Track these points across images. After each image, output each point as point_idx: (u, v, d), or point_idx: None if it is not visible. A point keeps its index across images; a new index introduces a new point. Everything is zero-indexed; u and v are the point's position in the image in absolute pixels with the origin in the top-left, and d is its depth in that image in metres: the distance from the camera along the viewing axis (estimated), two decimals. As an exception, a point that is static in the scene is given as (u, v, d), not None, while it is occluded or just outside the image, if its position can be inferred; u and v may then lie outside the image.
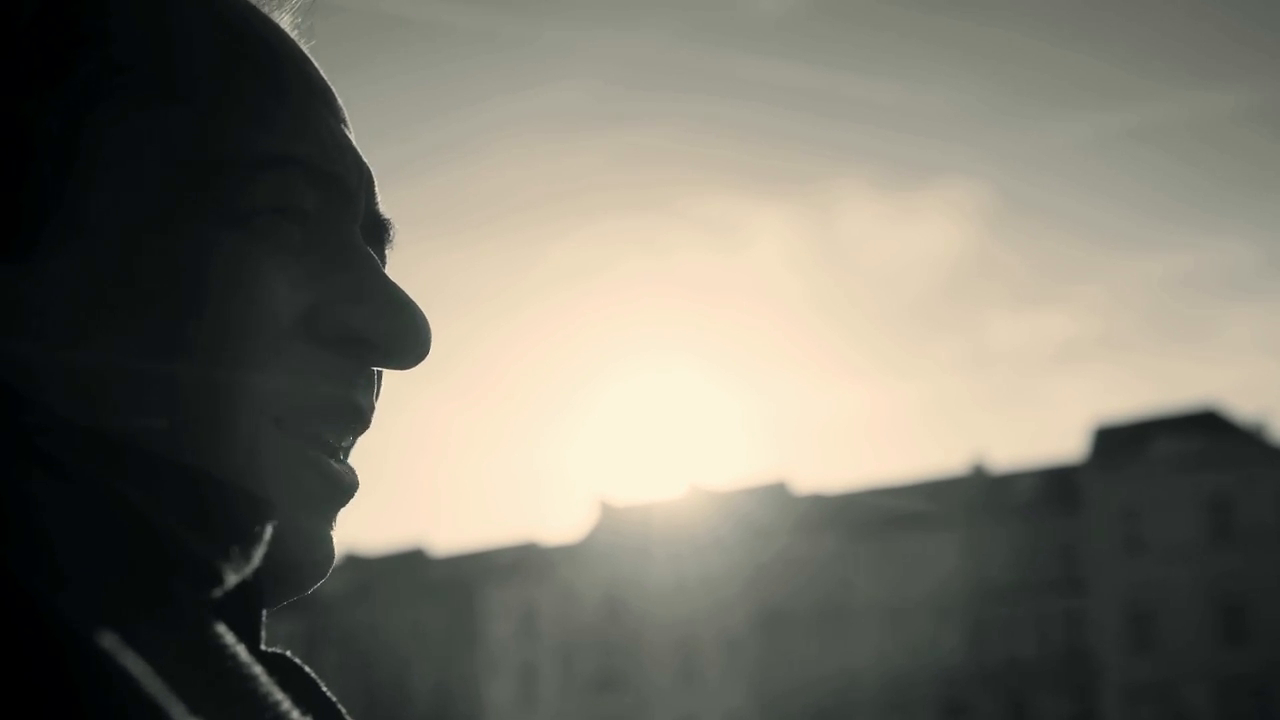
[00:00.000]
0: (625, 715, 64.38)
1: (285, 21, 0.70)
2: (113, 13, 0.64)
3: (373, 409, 0.69)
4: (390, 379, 0.71)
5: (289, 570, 0.65)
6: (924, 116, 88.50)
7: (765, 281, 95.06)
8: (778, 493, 65.71)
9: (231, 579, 0.56)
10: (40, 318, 0.61)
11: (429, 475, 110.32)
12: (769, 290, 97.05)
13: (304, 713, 0.55)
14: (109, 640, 0.45)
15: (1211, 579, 56.15)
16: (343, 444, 0.68)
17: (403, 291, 0.68)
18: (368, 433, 0.69)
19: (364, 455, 0.68)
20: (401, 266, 0.71)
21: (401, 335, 0.67)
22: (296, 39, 0.70)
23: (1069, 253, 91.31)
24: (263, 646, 0.62)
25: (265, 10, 0.69)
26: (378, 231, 0.71)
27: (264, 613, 0.62)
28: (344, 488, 0.67)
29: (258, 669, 0.54)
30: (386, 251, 0.72)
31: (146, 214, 0.62)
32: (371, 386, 0.69)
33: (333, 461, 0.67)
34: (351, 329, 0.65)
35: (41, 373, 0.60)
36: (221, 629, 0.54)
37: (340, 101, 0.70)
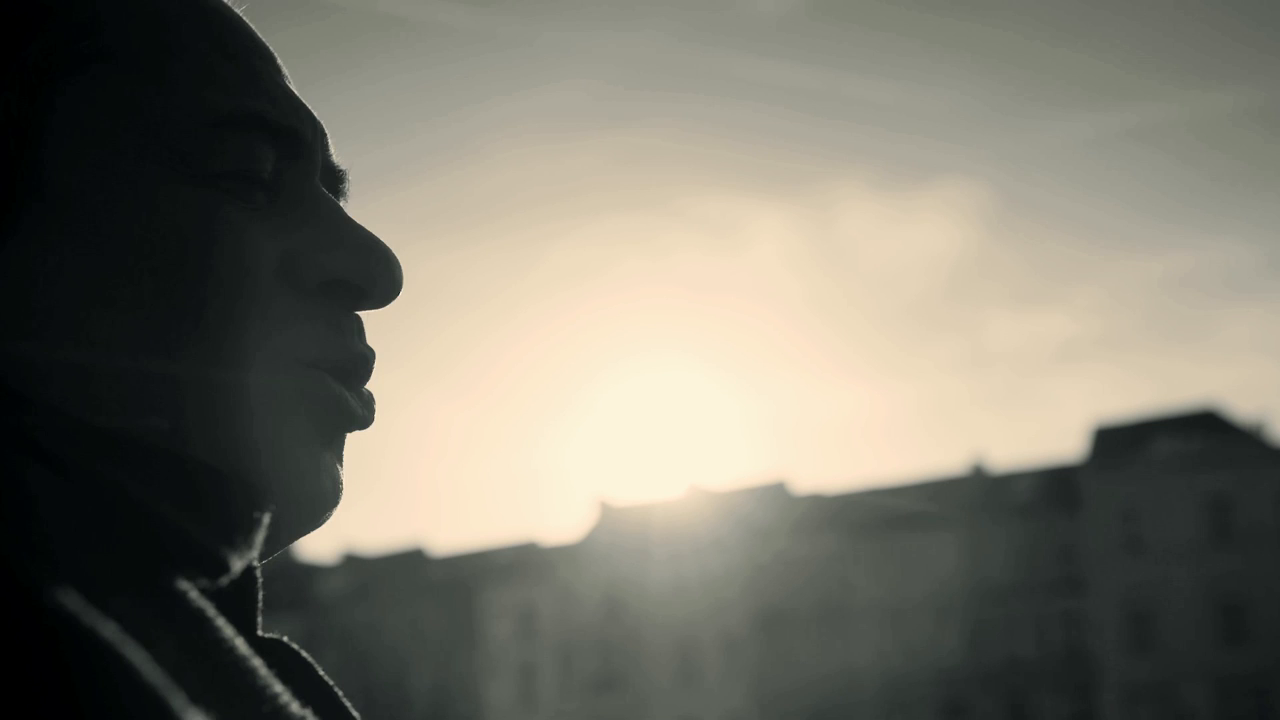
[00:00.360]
0: (624, 716, 64.35)
1: None
2: None
3: (369, 352, 0.69)
4: (390, 379, 0.75)
5: (299, 501, 0.65)
6: (923, 116, 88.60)
7: (765, 281, 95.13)
8: (777, 493, 65.69)
9: (238, 566, 0.57)
10: (18, 300, 0.60)
11: (428, 475, 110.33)
12: (768, 290, 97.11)
13: (303, 699, 0.55)
14: (108, 631, 0.45)
15: (1211, 579, 56.15)
16: (355, 387, 0.68)
17: (368, 231, 0.69)
18: (367, 431, 0.69)
19: (364, 455, 0.72)
20: (402, 265, 0.72)
21: (376, 271, 0.68)
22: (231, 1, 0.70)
23: (1068, 253, 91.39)
24: (260, 633, 0.61)
25: None
26: (333, 182, 0.72)
27: (260, 599, 0.61)
28: (354, 417, 0.67)
29: (256, 661, 0.54)
30: (342, 202, 0.73)
31: (116, 184, 0.62)
32: (362, 330, 0.69)
33: (347, 393, 0.67)
34: (329, 272, 0.66)
35: (27, 360, 0.60)
36: (220, 620, 0.54)
37: (280, 59, 0.70)
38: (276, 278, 0.65)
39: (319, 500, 0.66)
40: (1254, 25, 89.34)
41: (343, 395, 0.66)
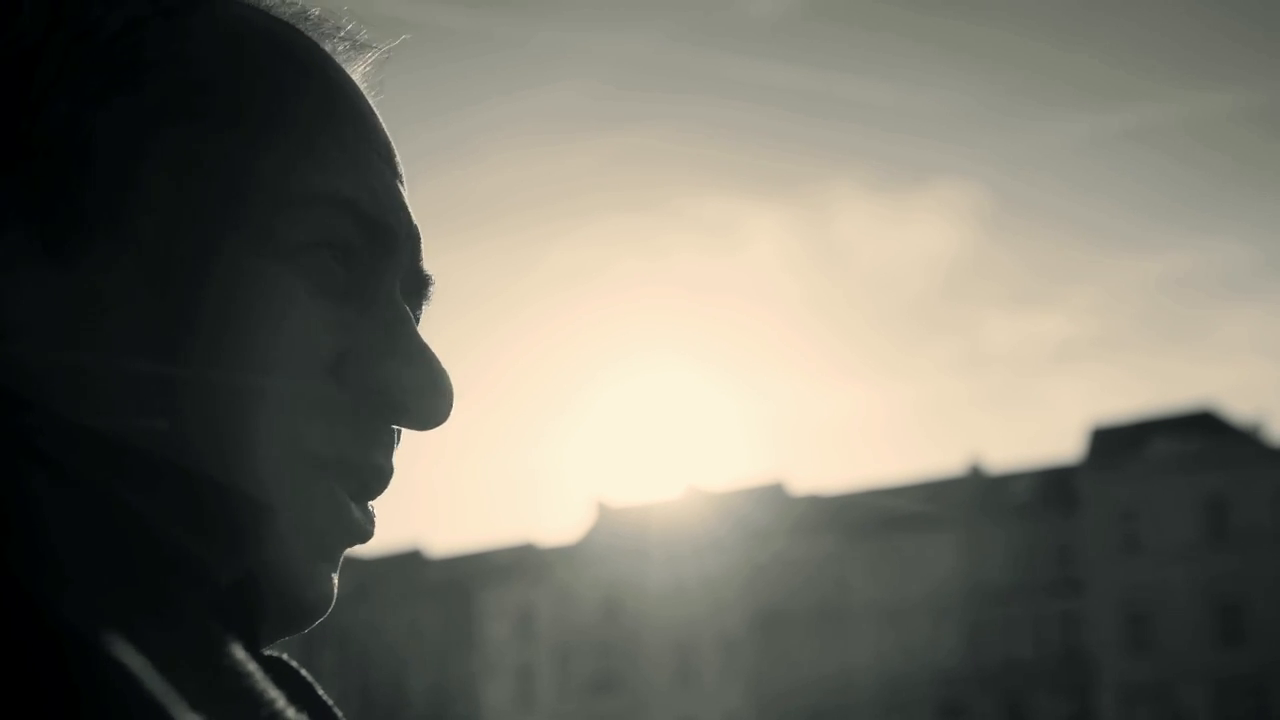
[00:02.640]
0: (623, 716, 64.34)
1: (358, 74, 0.72)
2: (191, 39, 0.66)
3: (392, 470, 0.69)
4: None
5: (286, 607, 0.65)
6: (920, 117, 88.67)
7: (762, 282, 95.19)
8: (775, 493, 65.71)
9: (224, 579, 0.57)
10: (81, 323, 0.62)
11: (426, 476, 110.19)
12: (766, 291, 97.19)
13: (298, 712, 0.55)
14: (110, 638, 0.45)
15: (1208, 579, 56.19)
16: (361, 498, 0.68)
17: (433, 354, 0.68)
18: None
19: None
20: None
21: (425, 397, 0.67)
22: (365, 90, 0.71)
23: (1065, 253, 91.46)
24: (261, 650, 0.62)
25: (340, 59, 0.71)
26: (417, 287, 0.71)
27: (263, 616, 0.62)
28: (355, 532, 0.67)
29: (253, 667, 0.55)
30: (424, 307, 0.72)
31: (196, 235, 0.63)
32: (392, 445, 0.68)
33: (353, 505, 0.67)
34: (378, 383, 0.66)
35: (49, 375, 0.61)
36: (216, 627, 0.55)
37: (399, 159, 0.71)
38: (324, 367, 0.65)
39: (314, 608, 0.66)
40: (1252, 26, 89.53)
41: (350, 513, 0.66)
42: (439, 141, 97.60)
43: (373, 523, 0.68)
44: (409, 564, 71.95)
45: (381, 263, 0.67)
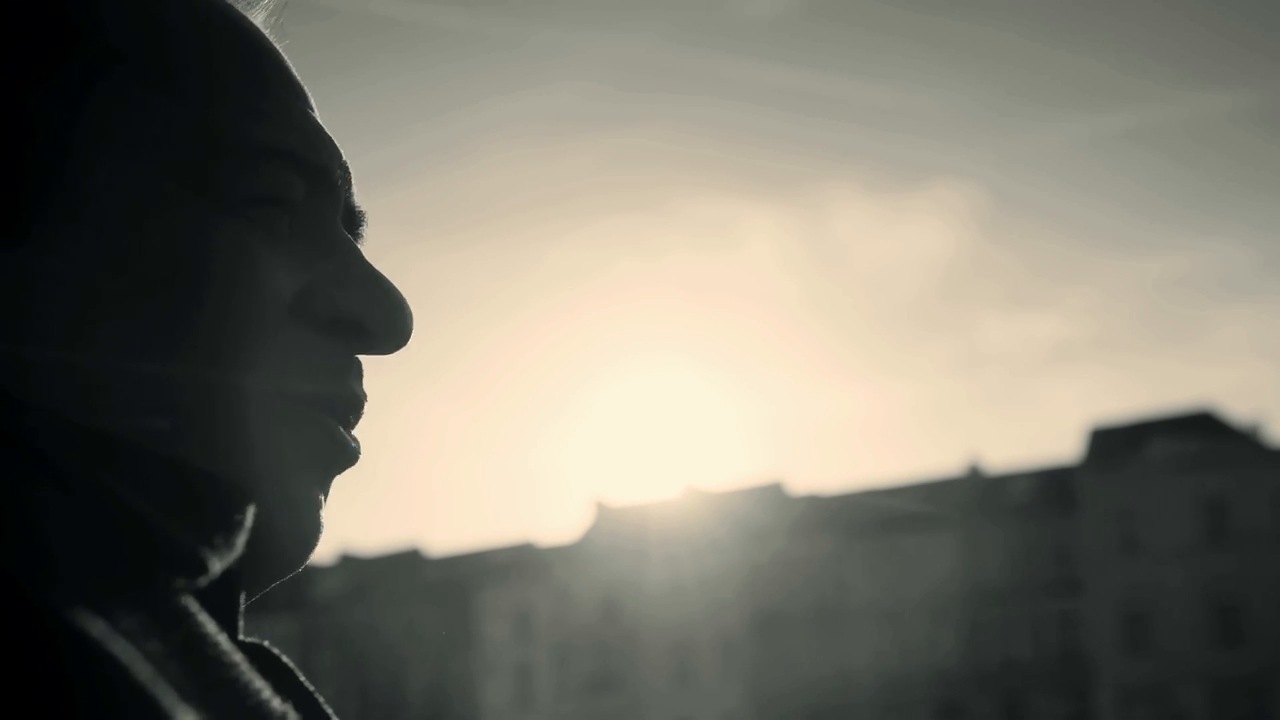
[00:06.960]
0: (621, 716, 64.35)
1: (259, 20, 0.72)
2: (103, 6, 0.65)
3: (364, 396, 0.70)
4: (387, 380, 0.74)
5: (276, 544, 0.65)
6: (917, 117, 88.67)
7: (760, 283, 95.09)
8: (774, 494, 65.72)
9: (216, 567, 0.57)
10: (39, 299, 0.61)
11: (425, 476, 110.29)
12: (763, 291, 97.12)
13: (282, 701, 0.56)
14: (97, 628, 0.45)
15: (1207, 580, 56.22)
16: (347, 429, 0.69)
17: (384, 276, 0.70)
18: (364, 432, 0.70)
19: (361, 456, 0.69)
20: (397, 268, 0.71)
21: (388, 316, 0.69)
22: (269, 35, 0.72)
23: (1063, 254, 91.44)
24: (241, 637, 0.62)
25: (240, 8, 0.71)
26: (351, 223, 0.73)
27: (243, 603, 0.61)
28: (347, 451, 0.68)
29: (238, 657, 0.55)
30: (360, 244, 0.74)
31: (145, 197, 0.63)
32: (362, 374, 0.70)
33: (340, 427, 0.68)
34: (341, 311, 0.67)
35: (25, 360, 0.61)
36: (203, 618, 0.55)
37: (310, 95, 0.71)
38: (290, 311, 0.66)
39: (309, 538, 0.67)
40: (1250, 27, 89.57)
41: (340, 433, 0.68)
42: (436, 142, 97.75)
43: (358, 442, 0.69)
44: (407, 563, 71.92)
45: (322, 203, 0.69)
